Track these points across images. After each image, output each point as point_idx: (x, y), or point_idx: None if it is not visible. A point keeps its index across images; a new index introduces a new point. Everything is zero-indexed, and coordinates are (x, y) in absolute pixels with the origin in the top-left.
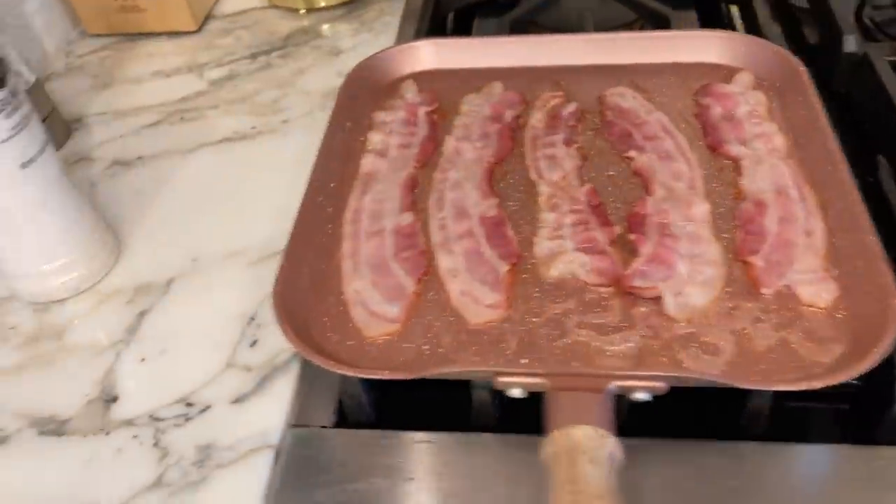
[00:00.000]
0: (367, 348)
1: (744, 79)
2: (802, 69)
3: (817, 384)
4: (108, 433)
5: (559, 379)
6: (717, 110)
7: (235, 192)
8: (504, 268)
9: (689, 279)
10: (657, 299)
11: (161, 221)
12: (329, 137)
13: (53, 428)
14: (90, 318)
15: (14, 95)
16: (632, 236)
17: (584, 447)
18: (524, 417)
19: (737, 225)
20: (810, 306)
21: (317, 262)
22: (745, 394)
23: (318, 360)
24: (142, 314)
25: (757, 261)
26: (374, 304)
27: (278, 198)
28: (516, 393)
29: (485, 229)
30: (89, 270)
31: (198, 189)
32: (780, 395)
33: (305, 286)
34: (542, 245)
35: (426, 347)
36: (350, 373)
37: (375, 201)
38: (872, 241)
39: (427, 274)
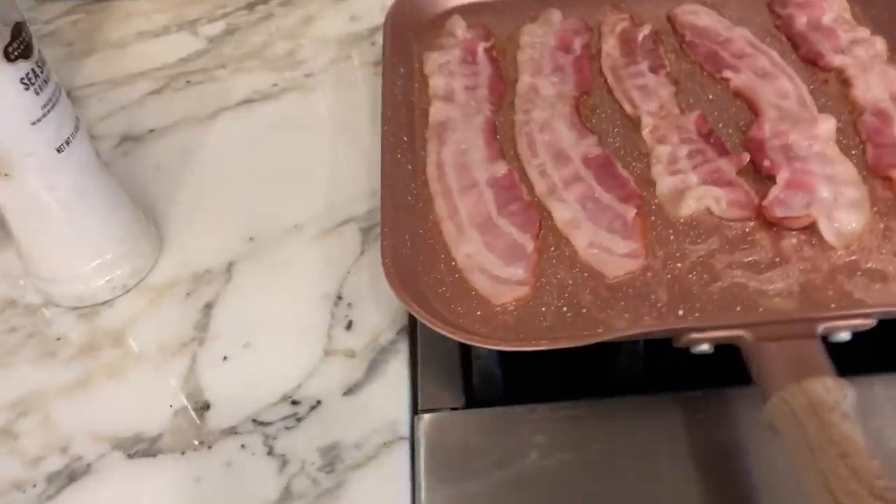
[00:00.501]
0: (501, 317)
1: None
2: None
3: None
4: (210, 446)
5: (764, 328)
6: (801, 20)
7: (275, 159)
8: (631, 212)
9: (835, 202)
10: (806, 228)
11: (198, 199)
12: (389, 86)
13: (143, 448)
14: (149, 318)
15: (41, 66)
16: (765, 162)
17: (832, 401)
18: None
19: (863, 140)
20: None
21: (414, 228)
22: None
23: (464, 338)
24: (208, 307)
25: None
26: (494, 268)
27: (324, 160)
28: (703, 349)
29: (593, 171)
30: (134, 265)
31: (229, 159)
32: None
33: (411, 255)
34: (664, 182)
35: (566, 309)
36: (509, 347)
37: (457, 152)
38: None
39: (542, 228)
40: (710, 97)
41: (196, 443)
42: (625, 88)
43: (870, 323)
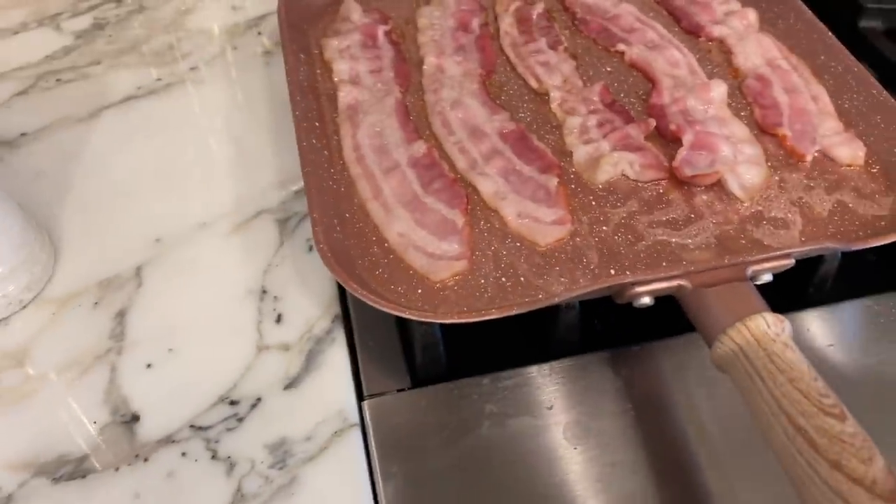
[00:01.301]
0: (442, 293)
1: None
2: None
3: None
4: (146, 458)
5: (700, 276)
6: None
7: (170, 156)
8: (553, 181)
9: (735, 160)
10: (713, 185)
11: (91, 204)
12: (293, 72)
13: (69, 471)
14: (54, 333)
15: None
16: (671, 126)
17: (773, 334)
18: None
19: (749, 102)
20: (849, 165)
21: (340, 212)
22: (812, 262)
23: (418, 315)
24: (120, 314)
25: (786, 131)
26: (428, 244)
27: (223, 154)
28: (645, 301)
29: (510, 145)
30: (30, 276)
31: (119, 159)
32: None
33: (342, 239)
34: (579, 151)
35: (504, 279)
36: (463, 319)
37: (373, 135)
38: (883, 94)
39: (469, 202)
40: (608, 69)
41: (130, 457)
42: (528, 65)
43: (789, 262)
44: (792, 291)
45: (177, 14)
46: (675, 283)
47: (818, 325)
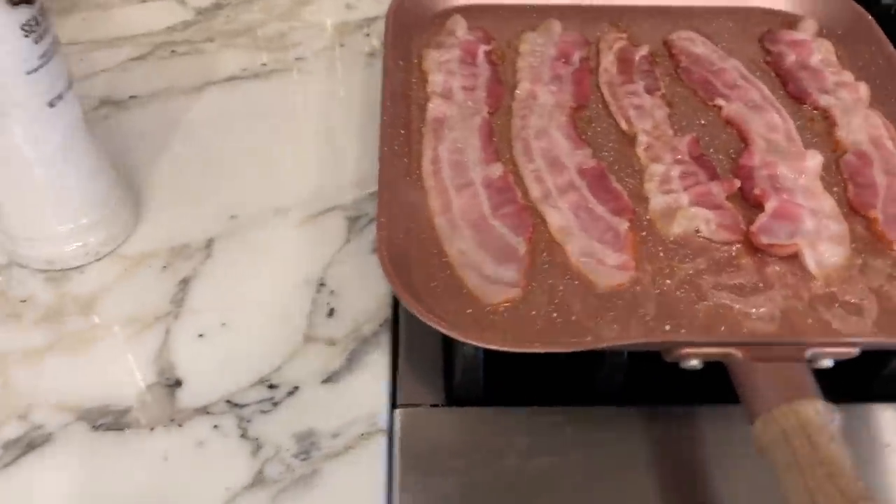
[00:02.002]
0: (491, 317)
1: (809, 26)
2: (868, 16)
3: None
4: (180, 424)
5: (755, 349)
6: (791, 58)
7: (261, 139)
8: (624, 225)
9: (818, 235)
10: (789, 257)
11: (180, 172)
12: (391, 78)
13: (110, 421)
14: (122, 288)
15: (43, 15)
16: (756, 190)
17: (821, 423)
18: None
19: (844, 178)
20: None
21: (407, 221)
22: (883, 356)
23: (460, 335)
24: (185, 282)
25: (877, 214)
26: (486, 266)
27: (312, 146)
28: (693, 364)
29: (587, 182)
30: (110, 231)
31: (214, 134)
32: None
33: (404, 247)
34: (657, 199)
35: (556, 315)
36: (504, 347)
37: (454, 150)
38: None
39: (534, 232)
40: (703, 122)
41: (167, 420)
42: (621, 105)
43: (854, 352)
44: (856, 381)
45: (294, 4)
46: (727, 350)
47: (878, 421)
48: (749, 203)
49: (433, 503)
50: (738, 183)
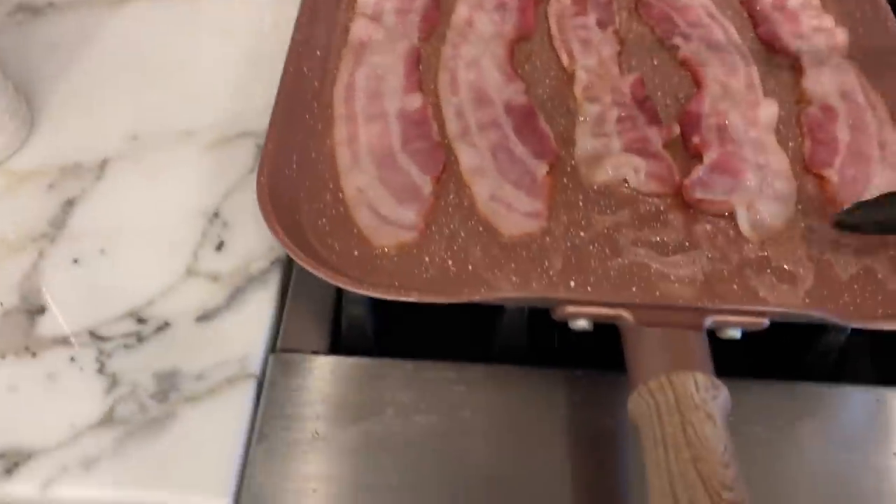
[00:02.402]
0: (379, 261)
1: None
2: None
3: None
4: (34, 354)
5: (648, 312)
6: None
7: (180, 59)
8: (542, 169)
9: (760, 193)
10: (724, 216)
11: (86, 87)
12: None
13: None
14: (2, 205)
15: None
16: (694, 139)
17: (699, 400)
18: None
19: (802, 133)
20: None
21: (305, 150)
22: (817, 330)
23: (327, 276)
24: (70, 203)
25: (831, 175)
26: (383, 206)
27: (233, 69)
28: (581, 325)
29: (512, 120)
30: None
31: (131, 50)
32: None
33: (295, 178)
34: (585, 143)
35: (451, 263)
36: (375, 294)
37: (373, 77)
38: None
39: (445, 171)
40: (655, 62)
41: (20, 348)
42: (566, 38)
43: (762, 322)
44: (787, 356)
45: None
46: (616, 311)
47: (790, 400)
48: (690, 154)
49: (293, 455)
50: (677, 129)
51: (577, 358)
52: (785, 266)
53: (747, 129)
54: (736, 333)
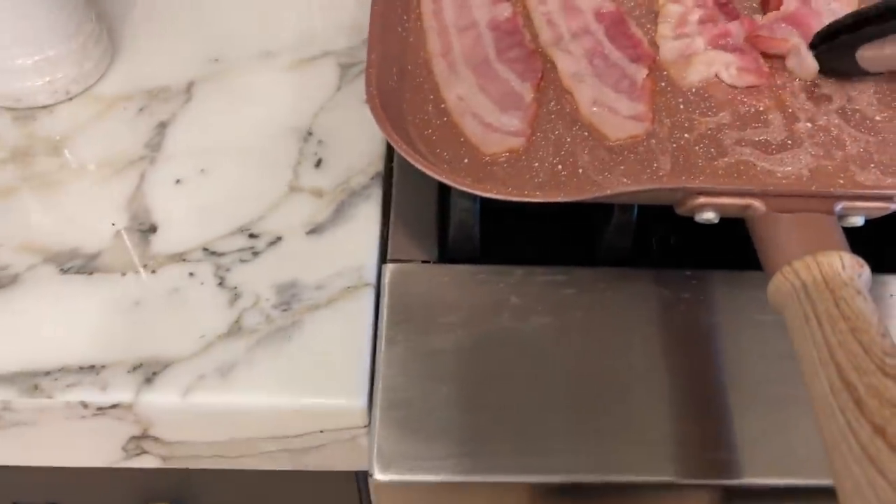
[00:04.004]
0: (490, 168)
1: None
2: None
3: None
4: (154, 271)
5: (780, 200)
6: None
7: None
8: (642, 73)
9: None
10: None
11: (162, 9)
12: None
13: (79, 264)
14: (95, 130)
15: None
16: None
17: (846, 277)
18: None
19: None
20: None
21: (402, 62)
22: None
23: (448, 179)
24: (162, 125)
25: None
26: (487, 114)
27: None
28: (708, 216)
29: (604, 27)
30: (81, 69)
31: None
32: None
33: (397, 90)
34: (670, 44)
35: (561, 168)
36: (498, 195)
37: None
38: None
39: (543, 79)
40: None
41: (140, 265)
42: None
43: (890, 207)
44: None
45: None
46: (747, 200)
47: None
48: (766, 10)
49: (420, 358)
50: (759, 19)
51: (677, 261)
52: (886, 160)
53: (829, 2)
54: (859, 220)
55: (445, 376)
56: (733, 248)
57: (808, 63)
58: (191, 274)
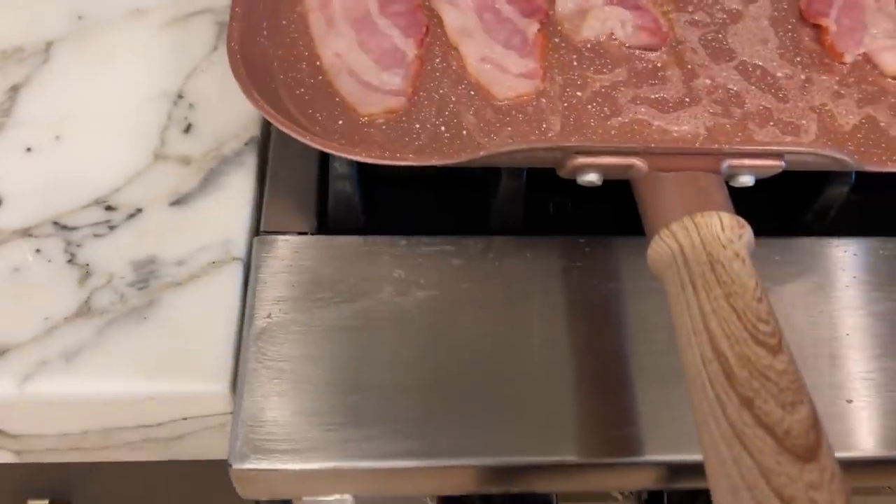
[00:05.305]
0: (367, 129)
1: None
2: None
3: None
4: None
5: (663, 158)
6: None
7: None
8: (533, 28)
9: None
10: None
11: None
12: None
13: None
14: None
15: None
16: None
17: (725, 239)
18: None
19: None
20: (894, 78)
21: (276, 16)
22: (819, 183)
23: (315, 142)
24: (14, 89)
25: (830, 23)
26: (366, 72)
27: None
28: (591, 178)
29: None
30: None
31: None
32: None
33: (267, 48)
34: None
35: (444, 129)
36: (369, 159)
37: None
38: None
39: (428, 35)
40: None
41: None
42: None
43: (779, 165)
44: (786, 213)
45: None
46: (628, 160)
47: (799, 255)
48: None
49: (291, 337)
50: None
51: (572, 228)
52: (787, 118)
53: None
54: (749, 180)
55: (319, 357)
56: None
57: None
58: (37, 250)
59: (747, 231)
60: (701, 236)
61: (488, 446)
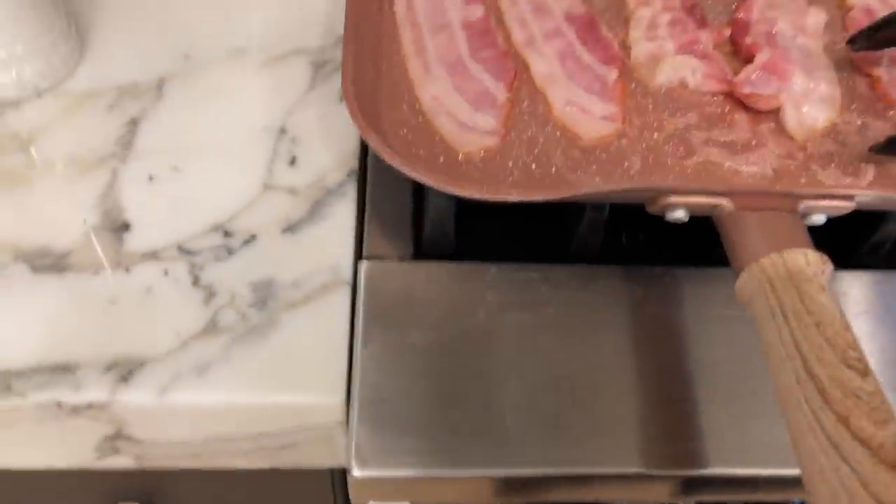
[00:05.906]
0: (465, 167)
1: None
2: None
3: None
4: (127, 269)
5: (745, 198)
6: None
7: None
8: (612, 74)
9: (805, 95)
10: (777, 113)
11: (131, 5)
12: None
13: (49, 263)
14: (65, 126)
15: None
16: (747, 40)
17: (810, 273)
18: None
19: (847, 36)
20: None
21: (377, 62)
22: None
23: (428, 178)
24: (133, 122)
25: (881, 73)
26: (462, 113)
27: None
28: (678, 215)
29: (575, 29)
30: (49, 64)
31: None
32: None
33: (372, 90)
34: (641, 46)
35: (535, 167)
36: (476, 194)
37: None
38: None
39: (516, 79)
40: None
41: (112, 264)
42: None
43: (849, 206)
44: (841, 249)
45: None
46: (715, 199)
47: (858, 289)
48: (741, 57)
49: (397, 356)
50: (727, 31)
51: (646, 258)
52: (847, 160)
53: (795, 37)
54: (820, 219)
55: (421, 373)
56: (700, 245)
57: (806, 118)
58: (165, 272)
59: (829, 267)
60: (788, 270)
61: (568, 457)
